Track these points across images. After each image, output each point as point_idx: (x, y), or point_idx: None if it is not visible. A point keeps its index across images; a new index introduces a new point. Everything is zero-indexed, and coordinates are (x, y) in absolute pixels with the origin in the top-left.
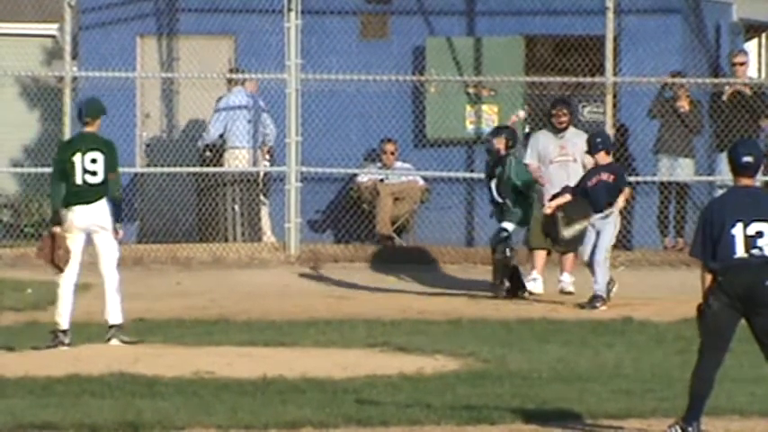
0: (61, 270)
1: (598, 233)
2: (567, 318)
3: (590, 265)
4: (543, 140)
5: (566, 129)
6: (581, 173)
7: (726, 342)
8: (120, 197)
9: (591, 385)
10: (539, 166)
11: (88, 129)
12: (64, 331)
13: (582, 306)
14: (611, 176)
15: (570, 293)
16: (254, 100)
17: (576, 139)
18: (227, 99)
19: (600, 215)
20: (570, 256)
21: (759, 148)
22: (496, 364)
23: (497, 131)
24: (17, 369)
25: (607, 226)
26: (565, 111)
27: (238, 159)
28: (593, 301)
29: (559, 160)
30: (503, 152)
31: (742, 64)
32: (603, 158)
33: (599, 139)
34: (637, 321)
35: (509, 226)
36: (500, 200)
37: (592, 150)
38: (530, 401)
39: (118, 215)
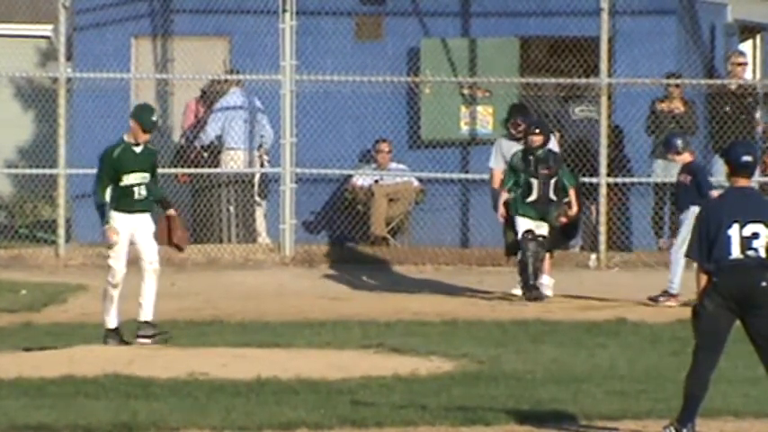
0: (181, 250)
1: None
2: (561, 319)
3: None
4: (506, 145)
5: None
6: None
7: (721, 343)
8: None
9: (586, 386)
10: (503, 170)
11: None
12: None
13: (651, 299)
14: (688, 177)
15: (547, 296)
16: (251, 101)
17: None
18: (224, 100)
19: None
20: (546, 257)
21: (755, 149)
22: (491, 365)
23: (533, 128)
24: (11, 370)
25: (685, 222)
26: (519, 121)
27: (234, 160)
28: (660, 294)
29: None
30: (539, 145)
31: (740, 65)
32: (681, 159)
33: (673, 140)
34: (631, 322)
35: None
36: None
37: (665, 150)
38: (524, 402)
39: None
